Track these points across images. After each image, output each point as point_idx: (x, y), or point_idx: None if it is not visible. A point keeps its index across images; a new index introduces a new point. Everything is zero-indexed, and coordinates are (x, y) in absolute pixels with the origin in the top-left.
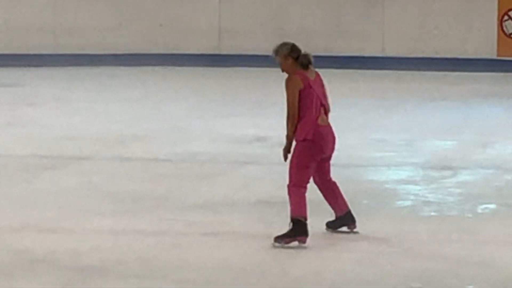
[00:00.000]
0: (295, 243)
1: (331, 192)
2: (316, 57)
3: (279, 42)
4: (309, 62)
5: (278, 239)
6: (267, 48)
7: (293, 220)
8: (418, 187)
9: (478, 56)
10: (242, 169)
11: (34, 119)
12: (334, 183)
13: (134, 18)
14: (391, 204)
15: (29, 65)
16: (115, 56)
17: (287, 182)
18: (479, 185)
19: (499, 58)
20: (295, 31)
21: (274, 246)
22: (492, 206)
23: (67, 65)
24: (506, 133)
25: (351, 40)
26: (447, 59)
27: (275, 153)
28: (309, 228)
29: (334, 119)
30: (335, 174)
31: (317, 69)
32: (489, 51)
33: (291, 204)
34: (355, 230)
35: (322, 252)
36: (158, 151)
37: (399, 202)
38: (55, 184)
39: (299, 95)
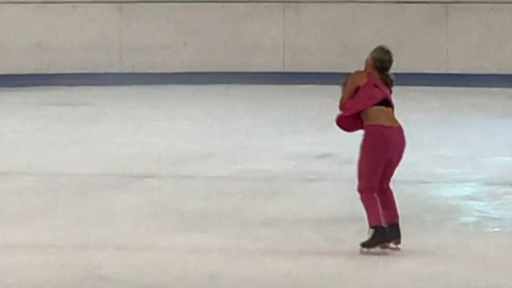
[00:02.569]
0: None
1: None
2: None
3: (343, 59)
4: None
5: (367, 245)
6: (331, 65)
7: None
8: (482, 203)
9: None
10: (307, 186)
11: (99, 137)
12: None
13: (199, 36)
14: (455, 220)
15: (94, 84)
16: (180, 74)
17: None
18: None
19: None
20: (360, 48)
21: (362, 252)
22: None
23: (132, 84)
24: None
25: (415, 57)
26: (510, 75)
27: (340, 170)
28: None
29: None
30: (399, 191)
31: None
32: None
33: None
34: (399, 246)
35: (386, 268)
36: (223, 169)
37: (463, 218)
38: (120, 202)
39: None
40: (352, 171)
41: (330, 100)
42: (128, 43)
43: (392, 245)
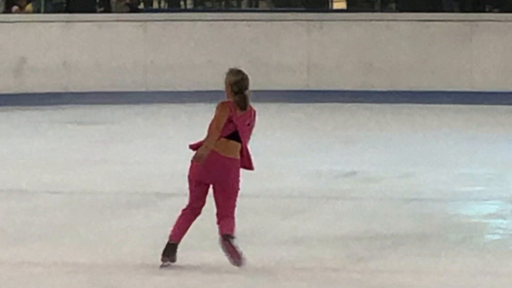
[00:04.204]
0: None
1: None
2: (404, 92)
3: (367, 77)
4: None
5: None
6: (355, 83)
7: None
8: (506, 221)
9: None
10: (330, 204)
11: (125, 156)
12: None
13: (223, 55)
14: (478, 238)
15: (119, 103)
16: (204, 92)
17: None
18: None
19: None
20: (384, 67)
21: None
22: None
23: (157, 102)
24: None
25: (439, 75)
26: None
27: (364, 188)
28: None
29: (425, 154)
30: (423, 208)
31: (406, 104)
32: None
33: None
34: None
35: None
36: (247, 187)
37: (487, 236)
38: (146, 221)
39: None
40: (376, 189)
41: (354, 118)
42: (153, 62)
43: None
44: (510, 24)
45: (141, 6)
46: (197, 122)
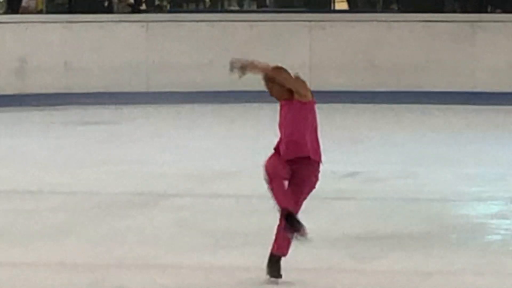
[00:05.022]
0: None
1: None
2: (407, 92)
3: (369, 78)
4: None
5: None
6: (358, 84)
7: None
8: (508, 221)
9: None
10: (334, 204)
11: (127, 156)
12: None
13: (224, 56)
14: (480, 238)
15: (121, 103)
16: (206, 93)
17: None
18: None
19: None
20: (386, 67)
21: None
22: None
23: (159, 103)
24: None
25: (442, 75)
26: None
27: (366, 189)
28: None
29: (428, 154)
30: (426, 208)
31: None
32: None
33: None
34: None
35: (415, 287)
36: (250, 187)
37: (489, 237)
38: (148, 221)
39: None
40: (379, 189)
41: (357, 119)
42: (154, 62)
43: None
44: (510, 24)
45: (143, 7)
46: (199, 123)
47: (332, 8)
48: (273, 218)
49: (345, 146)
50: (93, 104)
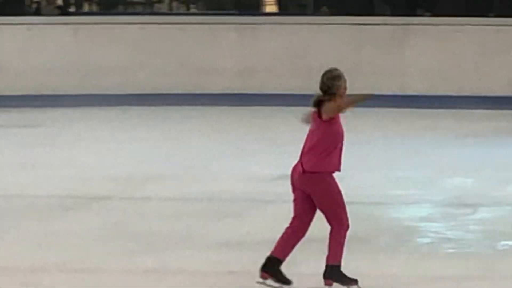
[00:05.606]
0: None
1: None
2: None
3: (299, 81)
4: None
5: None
6: (289, 86)
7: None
8: (437, 225)
9: (499, 94)
10: (264, 207)
11: (57, 159)
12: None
13: (156, 58)
14: (410, 241)
15: (51, 106)
16: (137, 96)
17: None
18: (499, 222)
19: None
20: (316, 70)
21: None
22: (511, 243)
23: (89, 106)
24: None
25: (373, 78)
26: (468, 96)
27: None
28: None
29: (356, 157)
30: (356, 212)
31: None
32: (509, 88)
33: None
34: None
35: None
36: (180, 190)
37: (419, 240)
38: (76, 224)
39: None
40: None
41: (286, 122)
42: (84, 65)
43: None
44: (442, 27)
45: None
46: (130, 126)
47: (262, 10)
48: (202, 220)
49: (276, 149)
50: (23, 107)
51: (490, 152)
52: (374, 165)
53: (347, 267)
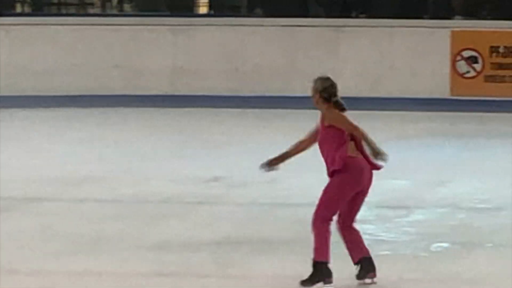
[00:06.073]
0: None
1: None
2: (272, 97)
3: (233, 82)
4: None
5: (305, 282)
6: (222, 88)
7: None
8: (372, 226)
9: (432, 96)
10: (197, 209)
11: None
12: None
13: (89, 60)
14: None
15: None
16: (70, 97)
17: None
18: (433, 224)
19: (452, 97)
20: (250, 72)
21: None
22: (445, 244)
23: (21, 107)
24: (460, 172)
25: (307, 79)
26: (401, 98)
27: (231, 193)
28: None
29: (292, 159)
30: (289, 214)
31: (272, 109)
32: (442, 90)
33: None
34: (375, 279)
35: None
36: (114, 192)
37: None
38: (11, 226)
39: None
40: (244, 194)
41: (220, 123)
42: (16, 66)
43: (367, 280)
44: (377, 29)
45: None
46: (64, 127)
47: (196, 12)
48: (136, 222)
49: (209, 151)
50: None
51: (424, 153)
52: (307, 166)
53: (279, 269)
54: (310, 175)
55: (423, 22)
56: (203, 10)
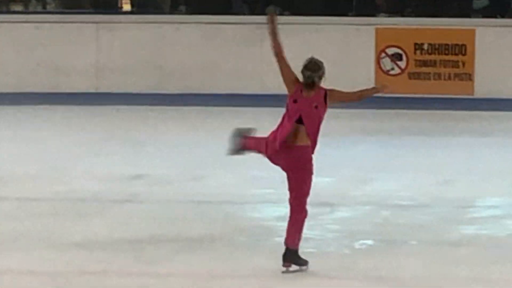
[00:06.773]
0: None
1: None
2: (196, 95)
3: (157, 80)
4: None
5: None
6: (145, 86)
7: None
8: None
9: None
10: (121, 207)
11: None
12: None
13: (11, 57)
14: (268, 241)
15: None
16: None
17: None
18: (357, 221)
19: (376, 95)
20: (174, 69)
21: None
22: (369, 242)
23: None
24: (384, 169)
25: (232, 78)
26: None
27: (154, 191)
28: None
29: (213, 157)
30: (213, 212)
31: (197, 107)
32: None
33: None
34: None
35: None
36: (35, 190)
37: (277, 239)
38: None
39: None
40: (166, 192)
41: (144, 121)
42: None
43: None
44: (301, 26)
45: None
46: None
47: (119, 9)
48: (58, 220)
49: (132, 149)
50: None
51: (348, 151)
52: (229, 164)
53: (200, 268)
54: (232, 172)
55: (349, 19)
56: (126, 7)
